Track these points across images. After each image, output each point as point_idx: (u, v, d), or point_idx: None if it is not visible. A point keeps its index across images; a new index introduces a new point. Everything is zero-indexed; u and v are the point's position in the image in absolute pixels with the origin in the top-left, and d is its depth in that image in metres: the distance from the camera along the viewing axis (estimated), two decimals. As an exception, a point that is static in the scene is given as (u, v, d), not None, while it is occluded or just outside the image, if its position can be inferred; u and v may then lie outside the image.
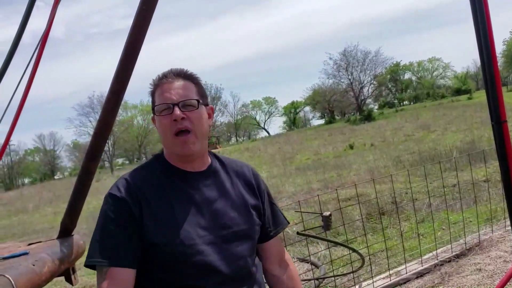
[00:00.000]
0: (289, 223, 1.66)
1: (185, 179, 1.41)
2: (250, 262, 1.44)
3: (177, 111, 1.35)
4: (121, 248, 1.28)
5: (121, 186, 1.36)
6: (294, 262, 4.72)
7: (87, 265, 1.31)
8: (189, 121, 1.37)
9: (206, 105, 1.47)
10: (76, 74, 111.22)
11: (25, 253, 2.19)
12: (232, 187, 1.47)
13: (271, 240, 1.57)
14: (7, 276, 1.77)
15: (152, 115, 1.46)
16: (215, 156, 1.55)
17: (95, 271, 1.33)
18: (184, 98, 1.38)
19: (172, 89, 1.39)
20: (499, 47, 60.57)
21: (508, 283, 1.58)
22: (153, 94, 1.44)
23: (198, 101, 1.41)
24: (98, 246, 1.30)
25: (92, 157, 2.27)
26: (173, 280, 1.33)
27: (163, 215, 1.33)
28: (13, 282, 1.76)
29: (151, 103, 1.46)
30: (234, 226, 1.40)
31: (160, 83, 1.42)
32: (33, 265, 2.00)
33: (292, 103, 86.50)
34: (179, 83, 1.41)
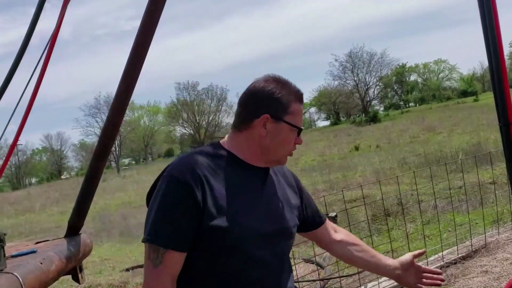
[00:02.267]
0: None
1: (247, 171, 1.44)
2: (288, 257, 1.54)
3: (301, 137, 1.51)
4: (180, 233, 1.31)
5: (185, 168, 1.34)
6: (299, 263, 4.75)
7: (144, 241, 1.33)
8: None
9: None
10: (83, 75, 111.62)
11: (33, 252, 2.21)
12: (280, 187, 1.53)
13: (322, 225, 1.68)
14: (16, 274, 1.79)
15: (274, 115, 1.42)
16: None
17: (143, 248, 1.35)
18: None
19: None
20: (506, 49, 60.20)
21: (515, 285, 1.57)
22: (290, 102, 1.43)
23: None
24: (158, 227, 1.31)
25: (100, 156, 2.28)
26: (221, 265, 1.35)
27: (224, 201, 1.34)
28: (21, 280, 1.78)
29: (277, 104, 1.41)
30: (284, 223, 1.47)
31: (300, 104, 1.47)
32: (41, 263, 2.02)
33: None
34: None
